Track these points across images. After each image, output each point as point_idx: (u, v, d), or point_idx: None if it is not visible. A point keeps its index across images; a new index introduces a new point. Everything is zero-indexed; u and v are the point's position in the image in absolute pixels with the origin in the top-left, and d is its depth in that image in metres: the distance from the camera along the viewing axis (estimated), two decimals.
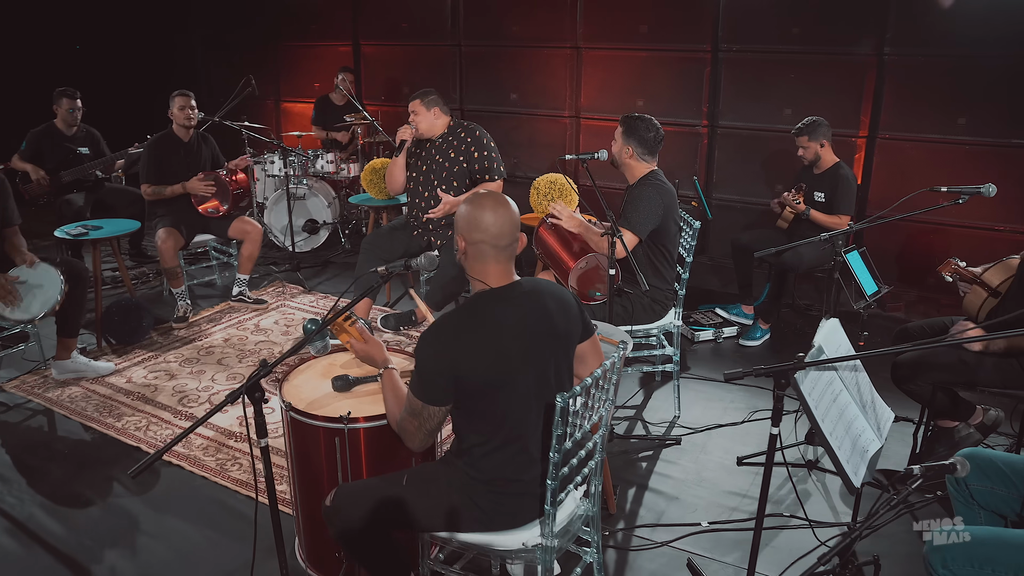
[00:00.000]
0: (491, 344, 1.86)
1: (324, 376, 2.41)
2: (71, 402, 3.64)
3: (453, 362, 1.83)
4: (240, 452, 3.22)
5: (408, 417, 1.92)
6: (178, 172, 4.65)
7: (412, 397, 1.89)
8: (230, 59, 7.78)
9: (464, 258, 1.95)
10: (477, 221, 1.89)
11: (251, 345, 4.30)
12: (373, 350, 2.19)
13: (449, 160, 4.22)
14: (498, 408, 1.89)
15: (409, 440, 1.94)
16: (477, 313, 1.90)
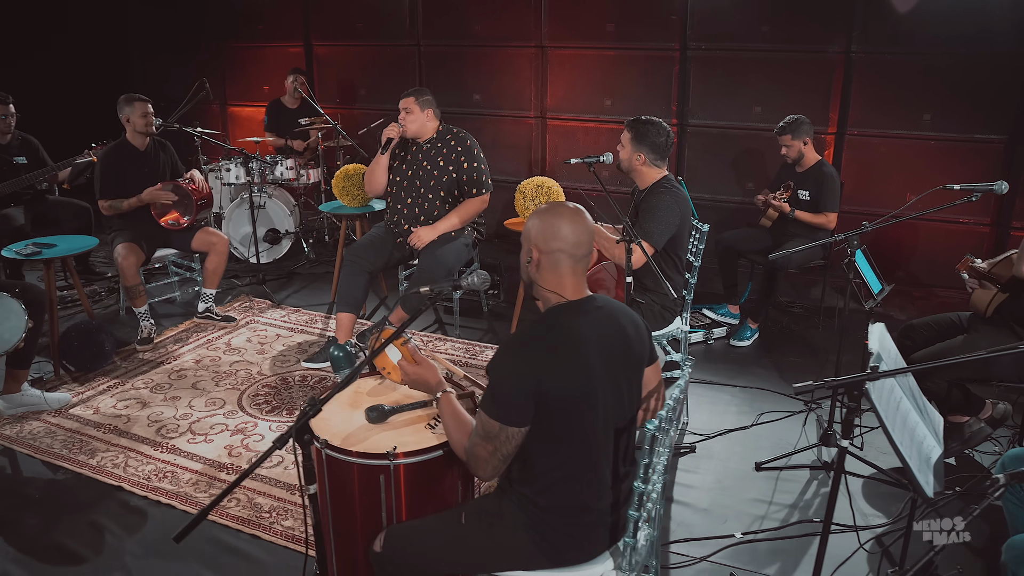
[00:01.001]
0: (575, 358, 1.74)
1: (353, 406, 2.22)
2: (33, 439, 3.31)
3: (536, 378, 1.70)
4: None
5: (481, 442, 1.76)
6: (136, 184, 4.31)
7: (486, 419, 1.74)
8: (169, 60, 7.34)
9: (536, 269, 1.83)
10: (555, 229, 1.79)
11: (226, 366, 4.02)
12: (427, 373, 2.03)
13: (438, 168, 4.03)
14: (578, 429, 1.76)
15: (481, 468, 1.79)
16: (557, 326, 1.78)
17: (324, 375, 3.91)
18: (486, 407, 1.74)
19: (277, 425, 3.42)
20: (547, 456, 1.77)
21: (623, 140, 3.33)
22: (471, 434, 1.81)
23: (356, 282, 4.06)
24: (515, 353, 1.75)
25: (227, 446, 3.25)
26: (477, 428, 1.77)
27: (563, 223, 1.79)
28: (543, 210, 1.85)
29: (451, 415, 1.91)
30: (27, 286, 3.48)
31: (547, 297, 1.84)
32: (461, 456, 1.85)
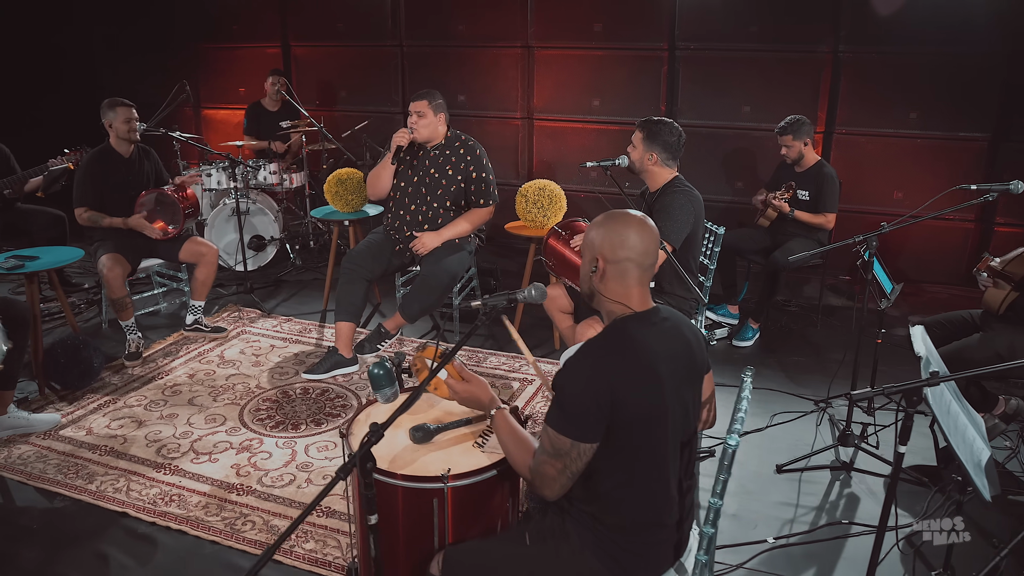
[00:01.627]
0: (648, 370, 1.68)
1: (395, 425, 2.11)
2: (24, 464, 3.13)
3: (610, 390, 1.63)
4: (248, 507, 2.85)
5: (549, 460, 1.68)
6: (119, 192, 4.13)
7: (555, 435, 1.66)
8: (139, 62, 7.09)
9: (600, 279, 1.77)
10: (623, 238, 1.73)
11: (221, 380, 3.87)
12: (478, 390, 1.94)
13: (446, 177, 3.93)
14: (648, 445, 1.70)
15: (548, 487, 1.71)
16: (628, 339, 1.71)
17: (326, 387, 3.79)
18: (556, 423, 1.67)
19: (284, 441, 3.30)
20: (614, 473, 1.70)
21: (634, 140, 3.28)
22: (536, 451, 1.74)
23: (354, 290, 3.95)
24: (587, 367, 1.67)
25: (234, 465, 3.12)
26: (544, 445, 1.70)
27: (630, 231, 1.74)
28: (607, 219, 1.79)
29: (508, 432, 1.84)
30: (9, 302, 3.29)
31: (612, 309, 1.77)
32: (524, 475, 1.77)
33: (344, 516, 2.78)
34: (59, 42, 7.12)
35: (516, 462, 1.79)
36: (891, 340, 4.37)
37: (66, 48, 7.19)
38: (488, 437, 2.05)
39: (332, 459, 3.16)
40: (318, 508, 2.83)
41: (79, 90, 7.01)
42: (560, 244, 3.35)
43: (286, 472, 3.07)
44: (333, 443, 3.28)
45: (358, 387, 3.79)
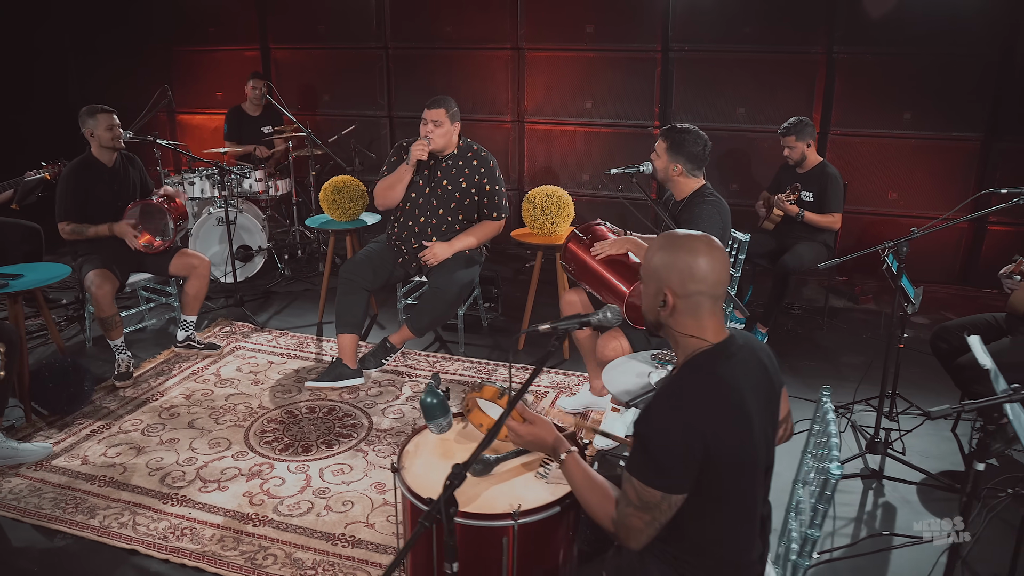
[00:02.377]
0: (737, 410, 1.56)
1: (445, 457, 1.99)
2: (16, 500, 2.91)
3: (702, 437, 1.51)
4: (267, 540, 2.69)
5: (636, 513, 1.56)
6: (104, 203, 3.91)
7: (642, 488, 1.54)
8: (111, 65, 6.78)
9: (670, 314, 1.63)
10: (692, 269, 1.58)
11: (221, 400, 3.69)
12: (543, 432, 1.79)
13: (460, 189, 3.79)
14: (739, 484, 1.59)
15: (634, 539, 1.59)
16: (712, 377, 1.59)
17: (333, 404, 3.63)
18: (643, 474, 1.54)
19: (296, 465, 3.13)
20: (701, 516, 1.59)
21: (658, 149, 3.20)
22: (618, 502, 1.62)
23: (355, 301, 3.80)
24: (676, 413, 1.54)
25: (246, 493, 2.95)
26: (629, 497, 1.57)
27: (699, 259, 1.59)
28: (671, 245, 1.63)
29: (584, 479, 1.71)
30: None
31: (686, 343, 1.64)
32: (606, 526, 1.65)
33: (372, 546, 2.64)
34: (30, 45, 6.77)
35: (595, 512, 1.67)
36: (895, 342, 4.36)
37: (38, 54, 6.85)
38: (549, 466, 1.94)
39: (350, 483, 3.01)
40: (341, 537, 2.68)
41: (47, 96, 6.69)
42: (581, 250, 3.25)
43: (303, 499, 2.91)
44: (349, 466, 3.13)
45: (366, 404, 3.64)
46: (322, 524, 2.77)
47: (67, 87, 6.91)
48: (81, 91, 6.94)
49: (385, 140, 6.27)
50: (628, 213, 5.83)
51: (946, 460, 3.22)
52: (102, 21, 6.68)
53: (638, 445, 1.57)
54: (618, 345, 2.98)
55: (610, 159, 5.78)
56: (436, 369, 4.01)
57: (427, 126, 3.67)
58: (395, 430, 3.41)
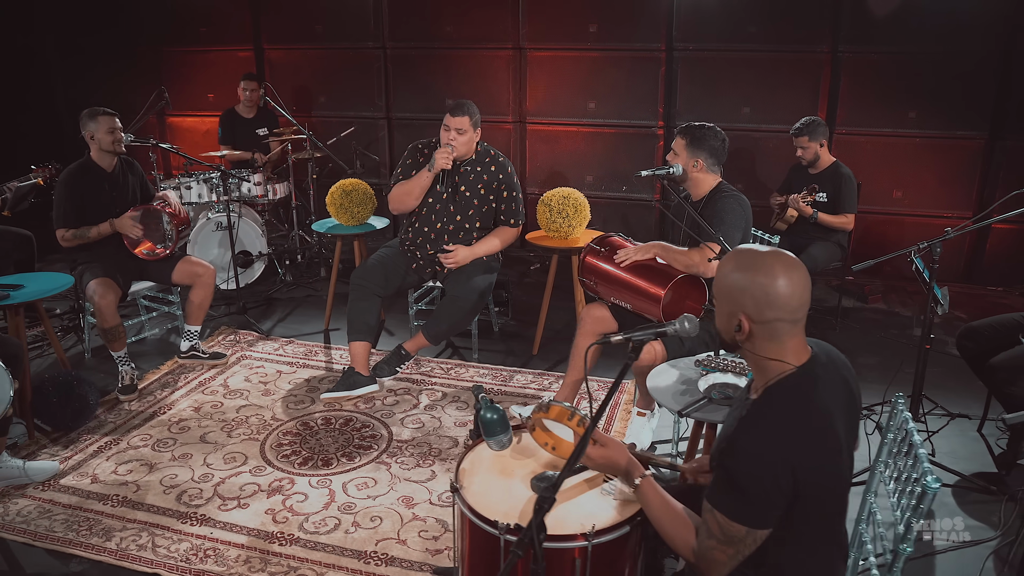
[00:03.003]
0: (827, 436, 1.49)
1: (503, 474, 1.90)
2: (26, 522, 2.77)
3: (791, 470, 1.43)
4: (296, 559, 2.58)
5: (719, 546, 1.49)
6: (104, 209, 3.77)
7: (727, 522, 1.47)
8: (98, 67, 6.59)
9: (746, 339, 1.54)
10: (770, 295, 1.48)
11: (232, 413, 3.56)
12: (615, 454, 1.69)
13: (478, 196, 3.70)
14: (827, 508, 1.53)
15: (715, 571, 1.52)
16: (800, 403, 1.50)
17: (349, 415, 3.52)
18: (728, 508, 1.47)
19: (318, 480, 3.02)
20: (787, 543, 1.52)
21: (676, 148, 3.14)
22: (700, 533, 1.54)
23: (367, 307, 3.71)
24: (765, 445, 1.46)
25: (268, 510, 2.83)
26: (712, 530, 1.50)
27: (778, 283, 1.48)
28: (747, 263, 1.52)
29: (661, 505, 1.63)
30: (3, 339, 2.93)
31: (766, 366, 1.55)
32: (685, 556, 1.57)
33: (407, 564, 2.55)
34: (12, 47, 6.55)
35: (674, 541, 1.59)
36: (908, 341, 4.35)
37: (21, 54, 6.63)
38: (613, 482, 1.85)
39: (375, 497, 2.91)
40: (373, 555, 2.58)
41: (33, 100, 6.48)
42: (602, 261, 3.18)
43: (328, 516, 2.81)
44: (373, 479, 3.03)
45: (383, 414, 3.54)
46: (352, 542, 2.66)
47: (53, 90, 6.69)
48: (68, 94, 6.74)
49: (383, 142, 6.16)
50: (631, 214, 5.79)
51: (976, 461, 3.19)
52: (89, 22, 6.48)
53: (723, 477, 1.49)
54: (653, 350, 2.91)
55: (613, 160, 5.73)
56: (451, 376, 3.92)
57: (450, 133, 3.57)
58: (416, 441, 3.31)
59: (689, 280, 2.94)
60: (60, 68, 6.72)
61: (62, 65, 6.71)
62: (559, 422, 1.71)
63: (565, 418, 1.69)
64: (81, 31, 6.52)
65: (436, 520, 2.78)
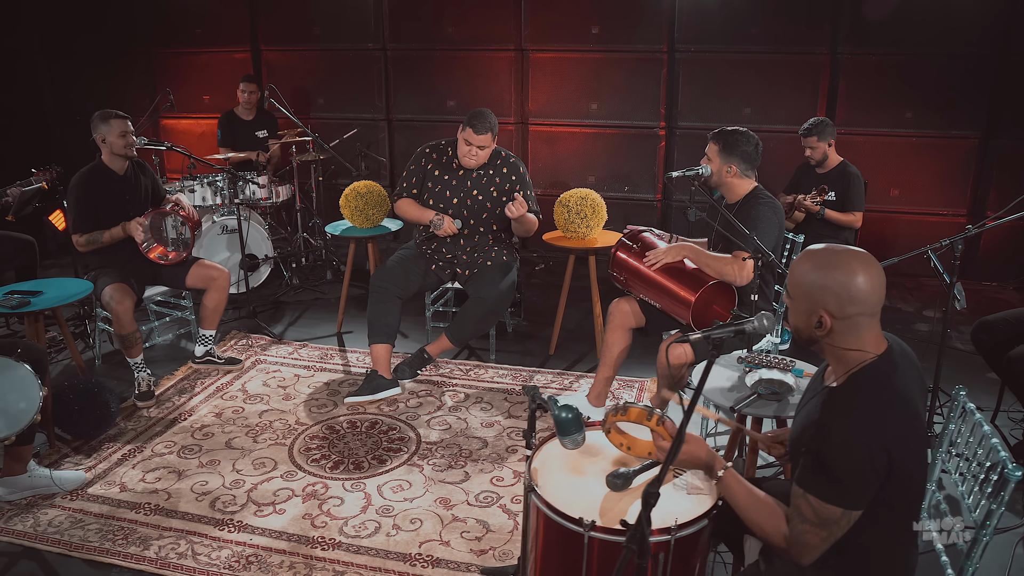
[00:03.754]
0: (913, 419, 1.55)
1: (574, 471, 1.91)
2: (59, 533, 2.72)
3: (886, 451, 1.48)
4: (341, 564, 2.57)
5: (812, 529, 1.53)
6: (115, 213, 3.71)
7: (821, 504, 1.51)
8: (86, 69, 6.46)
9: (826, 333, 1.59)
10: (851, 291, 1.54)
11: (254, 418, 3.53)
12: (697, 448, 1.71)
13: (491, 199, 3.71)
14: (909, 493, 1.57)
15: (807, 555, 1.56)
16: (887, 389, 1.55)
17: (374, 418, 3.51)
18: (822, 491, 1.51)
19: (352, 483, 3.01)
20: (868, 526, 1.56)
21: (709, 153, 3.17)
22: (790, 518, 1.57)
23: (388, 310, 3.70)
24: (859, 427, 1.50)
25: (306, 515, 2.81)
26: (805, 514, 1.54)
27: (857, 280, 1.54)
28: (824, 262, 1.58)
29: (747, 496, 1.66)
30: (28, 345, 2.87)
31: (847, 356, 1.60)
32: (776, 543, 1.60)
33: (453, 565, 2.55)
34: None
35: (764, 529, 1.62)
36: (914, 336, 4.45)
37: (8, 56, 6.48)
38: (683, 476, 1.88)
39: (412, 500, 2.90)
40: (418, 558, 2.58)
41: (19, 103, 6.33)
42: (633, 259, 3.21)
43: (367, 519, 2.79)
44: (407, 482, 3.02)
45: (408, 416, 3.53)
46: (395, 544, 2.66)
47: (41, 93, 6.55)
48: (57, 97, 6.60)
49: (383, 143, 6.13)
50: (633, 213, 5.83)
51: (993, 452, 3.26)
52: (79, 23, 6.35)
53: (814, 461, 1.53)
54: (680, 351, 2.95)
55: (616, 160, 5.78)
56: (471, 378, 3.92)
57: (471, 148, 3.57)
58: (445, 442, 3.31)
59: (719, 286, 2.97)
60: (48, 70, 6.58)
61: (50, 67, 6.57)
62: (639, 423, 1.72)
63: (644, 419, 1.70)
64: (70, 32, 6.38)
65: (476, 521, 2.78)
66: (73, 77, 6.49)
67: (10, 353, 2.71)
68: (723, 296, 3.02)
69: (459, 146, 3.64)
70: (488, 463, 3.15)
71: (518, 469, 3.10)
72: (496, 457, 3.19)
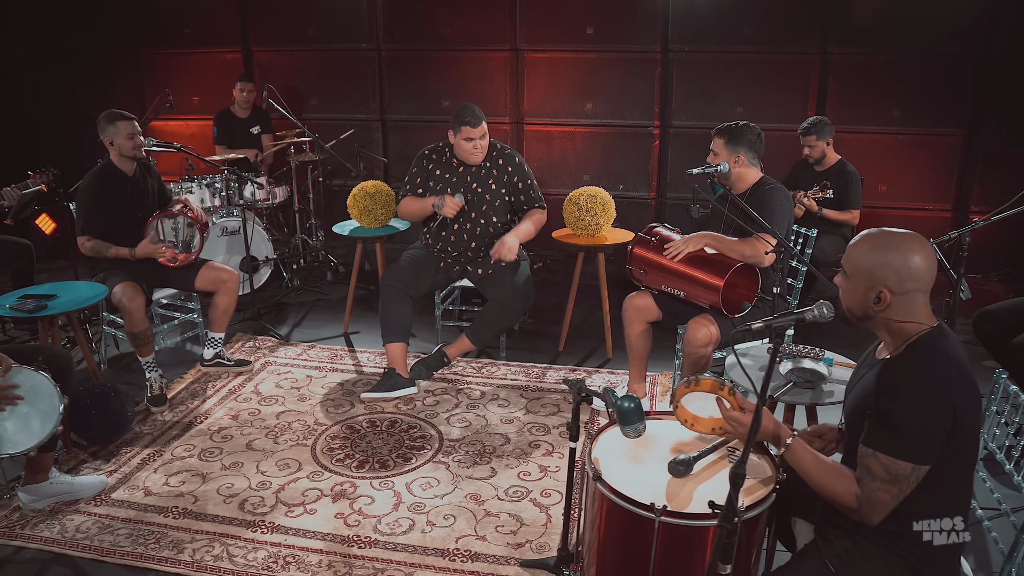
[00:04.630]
0: (972, 382, 1.66)
1: (635, 459, 1.95)
2: (87, 538, 2.69)
3: (952, 408, 1.59)
4: (381, 561, 2.57)
5: (883, 487, 1.62)
6: (124, 214, 3.67)
7: (891, 461, 1.60)
8: (69, 72, 6.34)
9: (883, 307, 1.70)
10: (910, 268, 1.67)
11: (272, 419, 3.51)
12: (766, 420, 1.79)
13: (491, 192, 3.73)
14: (965, 456, 1.67)
15: (878, 513, 1.65)
16: (946, 352, 1.67)
17: (393, 417, 3.51)
18: (892, 448, 1.60)
19: (379, 482, 3.01)
20: (926, 489, 1.65)
21: (715, 148, 3.25)
22: (861, 479, 1.66)
23: (401, 309, 3.71)
24: (926, 386, 1.61)
25: (338, 514, 2.81)
26: (876, 472, 1.62)
27: (915, 258, 1.67)
28: (883, 243, 1.70)
29: (815, 461, 1.74)
30: (52, 352, 2.82)
31: (902, 328, 1.71)
32: (847, 503, 1.67)
33: (493, 559, 2.57)
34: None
35: (836, 490, 1.69)
36: None
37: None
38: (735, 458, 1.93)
39: (443, 496, 2.92)
40: (456, 553, 2.60)
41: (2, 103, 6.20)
42: (652, 252, 3.27)
43: (400, 517, 2.80)
44: (435, 479, 3.03)
45: (427, 415, 3.54)
46: (431, 541, 2.67)
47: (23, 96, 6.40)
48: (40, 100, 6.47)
49: (377, 144, 6.12)
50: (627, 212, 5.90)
51: None
52: (62, 25, 6.23)
53: (882, 421, 1.63)
54: (708, 332, 3.03)
55: (610, 159, 5.84)
56: (484, 376, 3.94)
57: (474, 143, 3.60)
58: (467, 439, 3.33)
59: (744, 269, 3.05)
60: (30, 73, 6.43)
61: (33, 70, 6.43)
62: (712, 392, 1.80)
63: (717, 388, 1.78)
64: (54, 34, 6.26)
65: (509, 515, 2.81)
66: (58, 79, 6.37)
67: (31, 361, 2.66)
68: (747, 279, 3.11)
69: (458, 148, 3.65)
70: (512, 459, 3.18)
71: (543, 464, 3.14)
72: (520, 452, 3.22)
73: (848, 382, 1.92)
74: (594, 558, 1.94)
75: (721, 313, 3.06)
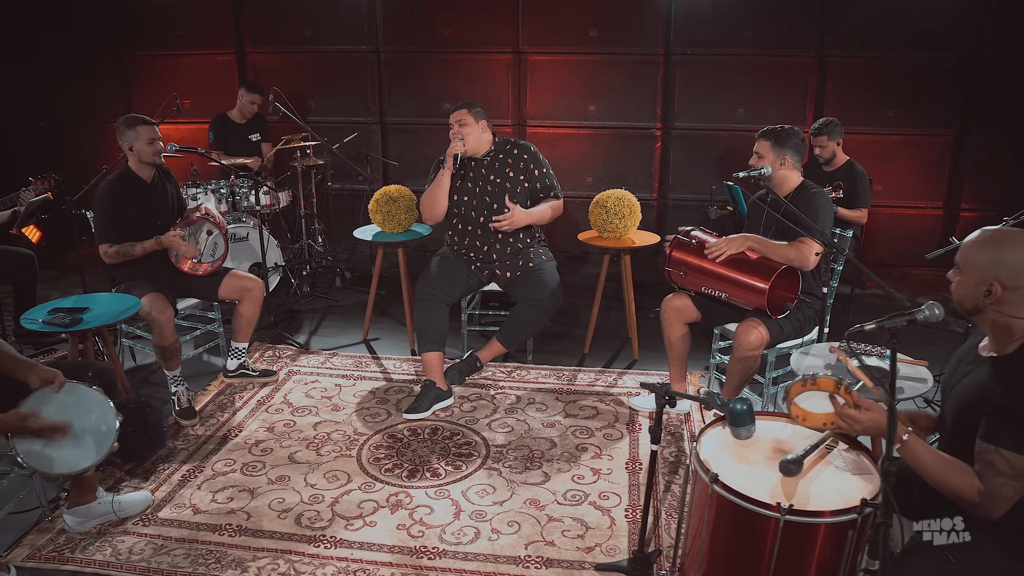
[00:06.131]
0: None
1: (742, 460, 1.96)
2: (144, 560, 2.59)
3: None
4: (453, 571, 2.54)
5: (1008, 482, 1.66)
6: (143, 222, 3.54)
7: (1016, 457, 1.65)
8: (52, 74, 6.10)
9: (994, 302, 1.76)
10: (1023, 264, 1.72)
11: (309, 430, 3.43)
12: (880, 416, 1.83)
13: (509, 180, 3.72)
14: None
15: (1001, 508, 1.69)
16: None
17: (434, 424, 3.47)
18: (1017, 445, 1.64)
19: (435, 491, 2.97)
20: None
21: (760, 150, 3.28)
22: (983, 475, 1.69)
23: (437, 316, 3.67)
24: None
25: (399, 526, 2.77)
26: (1000, 467, 1.66)
27: None
28: (997, 240, 1.77)
29: (934, 456, 1.78)
30: (100, 368, 2.72)
31: (1015, 324, 1.76)
32: (969, 498, 1.71)
33: (566, 564, 2.56)
34: None
35: (956, 485, 1.73)
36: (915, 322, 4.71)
37: None
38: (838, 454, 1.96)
39: (502, 503, 2.89)
40: (528, 560, 2.58)
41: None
42: (692, 256, 3.29)
43: (464, 526, 2.77)
44: (491, 486, 3.01)
45: (467, 421, 3.51)
46: (500, 549, 2.65)
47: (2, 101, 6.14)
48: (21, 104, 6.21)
49: (376, 147, 6.04)
50: None
51: None
52: (44, 26, 5.99)
53: (1001, 417, 1.67)
54: (759, 335, 3.07)
55: (613, 161, 5.87)
56: (515, 379, 3.92)
57: (453, 128, 3.65)
58: (513, 444, 3.30)
59: (787, 271, 3.10)
60: (10, 75, 6.18)
61: (12, 72, 6.17)
62: (828, 391, 1.82)
63: (833, 387, 1.80)
64: (36, 36, 6.01)
65: (572, 519, 2.80)
66: (40, 82, 6.13)
67: (80, 377, 2.56)
68: (788, 281, 3.15)
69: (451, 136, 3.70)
70: (563, 462, 3.17)
71: (595, 466, 3.14)
72: (569, 456, 3.22)
73: (946, 379, 1.97)
74: (704, 559, 1.94)
75: (765, 314, 3.11)
